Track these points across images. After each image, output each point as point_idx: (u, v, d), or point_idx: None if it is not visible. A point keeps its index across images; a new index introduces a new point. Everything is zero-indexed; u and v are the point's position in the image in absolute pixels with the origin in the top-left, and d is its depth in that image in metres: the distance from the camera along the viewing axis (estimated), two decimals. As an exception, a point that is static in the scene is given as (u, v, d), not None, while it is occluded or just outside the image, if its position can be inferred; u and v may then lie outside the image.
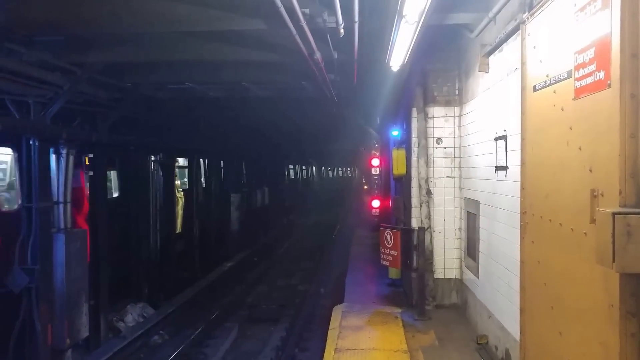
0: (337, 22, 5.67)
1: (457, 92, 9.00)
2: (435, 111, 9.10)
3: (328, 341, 7.68)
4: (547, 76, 4.33)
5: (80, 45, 8.21)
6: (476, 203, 7.73)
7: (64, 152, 9.66)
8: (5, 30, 6.60)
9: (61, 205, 9.62)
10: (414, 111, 9.11)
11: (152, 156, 14.63)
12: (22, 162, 9.03)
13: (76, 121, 10.55)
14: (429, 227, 9.00)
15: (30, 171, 9.00)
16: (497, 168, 6.51)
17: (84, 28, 6.85)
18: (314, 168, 53.41)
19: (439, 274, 9.12)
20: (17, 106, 8.66)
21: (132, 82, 10.35)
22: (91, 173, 11.47)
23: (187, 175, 17.92)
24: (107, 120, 11.00)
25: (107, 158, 12.34)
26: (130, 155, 13.69)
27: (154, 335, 11.83)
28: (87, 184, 11.46)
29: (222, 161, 21.24)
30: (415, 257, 8.72)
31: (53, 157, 9.52)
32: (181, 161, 17.73)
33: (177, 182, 16.74)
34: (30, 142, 8.99)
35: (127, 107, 11.22)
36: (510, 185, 6.00)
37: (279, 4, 4.91)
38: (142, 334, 11.45)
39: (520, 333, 5.17)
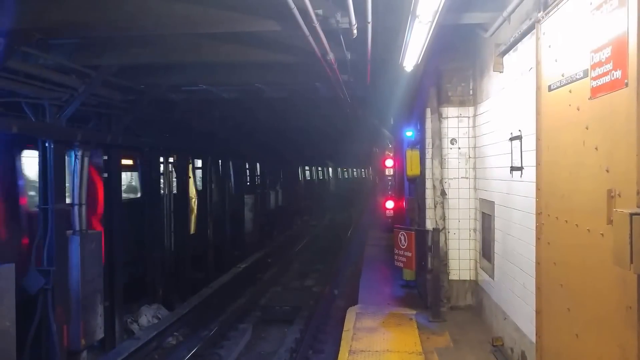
0: (350, 22, 5.66)
1: (471, 92, 8.94)
2: (450, 111, 9.03)
3: (342, 343, 7.66)
4: (563, 75, 4.28)
5: (95, 48, 8.32)
6: (491, 204, 7.67)
7: (79, 154, 9.75)
8: (21, 33, 6.67)
9: (76, 207, 9.72)
10: (428, 111, 9.05)
11: (167, 158, 14.72)
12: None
13: (91, 123, 10.65)
14: (444, 228, 8.93)
15: (46, 173, 9.10)
16: (512, 168, 6.45)
17: (100, 30, 6.92)
18: (327, 169, 53.42)
19: (454, 275, 9.06)
20: (32, 109, 8.77)
21: (147, 84, 10.42)
22: (106, 175, 11.53)
23: (201, 177, 17.99)
24: (122, 122, 11.09)
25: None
26: (144, 157, 13.77)
27: (168, 337, 11.86)
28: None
29: (235, 162, 21.32)
30: (429, 259, 8.67)
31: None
32: (195, 162, 17.80)
33: (192, 183, 16.79)
34: (46, 145, 9.09)
35: (141, 109, 11.30)
36: (525, 185, 5.94)
37: (292, 5, 4.91)
38: (156, 335, 11.47)
39: (536, 335, 5.12)
